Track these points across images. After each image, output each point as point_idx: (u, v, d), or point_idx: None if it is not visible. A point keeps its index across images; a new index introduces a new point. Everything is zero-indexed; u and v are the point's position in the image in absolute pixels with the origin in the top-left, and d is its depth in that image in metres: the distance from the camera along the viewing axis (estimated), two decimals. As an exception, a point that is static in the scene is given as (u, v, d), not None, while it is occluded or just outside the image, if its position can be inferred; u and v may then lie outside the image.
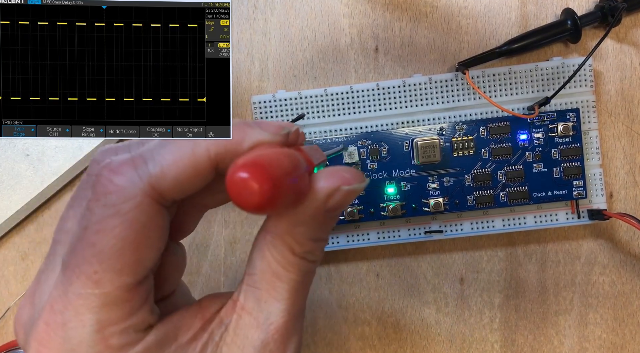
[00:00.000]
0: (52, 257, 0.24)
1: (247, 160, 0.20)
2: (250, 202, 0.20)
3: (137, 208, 0.21)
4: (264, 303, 0.24)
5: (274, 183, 0.20)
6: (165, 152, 0.22)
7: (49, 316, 0.22)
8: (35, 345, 0.22)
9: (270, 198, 0.20)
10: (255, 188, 0.20)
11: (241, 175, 0.20)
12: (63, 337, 0.21)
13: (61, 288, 0.22)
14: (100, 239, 0.21)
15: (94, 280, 0.21)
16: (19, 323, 0.24)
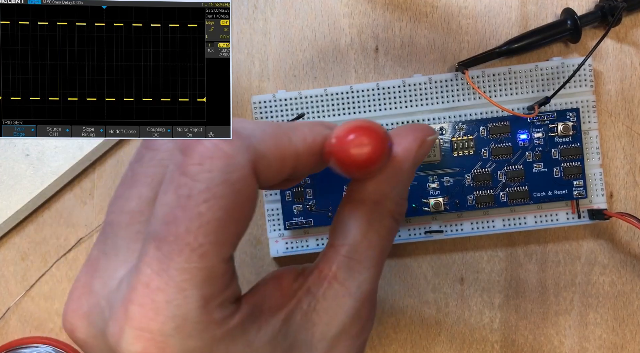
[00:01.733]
0: (112, 242, 0.23)
1: (353, 125, 0.23)
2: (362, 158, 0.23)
3: (244, 180, 0.21)
4: (356, 273, 0.25)
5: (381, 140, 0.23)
6: (267, 136, 0.22)
7: (145, 297, 0.20)
8: (132, 331, 0.21)
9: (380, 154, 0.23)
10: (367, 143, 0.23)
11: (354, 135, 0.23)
12: (166, 316, 0.20)
13: (157, 265, 0.20)
14: (208, 209, 0.20)
15: (199, 254, 0.20)
16: (78, 315, 0.23)
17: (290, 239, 0.40)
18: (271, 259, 0.41)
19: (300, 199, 0.39)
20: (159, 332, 0.20)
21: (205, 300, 0.21)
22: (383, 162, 0.24)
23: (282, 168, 0.23)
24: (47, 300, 0.42)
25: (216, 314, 0.21)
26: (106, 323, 0.22)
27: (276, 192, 0.39)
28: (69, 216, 0.42)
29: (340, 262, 0.25)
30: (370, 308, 0.25)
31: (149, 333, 0.20)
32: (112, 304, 0.22)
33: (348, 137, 0.23)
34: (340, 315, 0.24)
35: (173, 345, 0.20)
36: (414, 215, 0.39)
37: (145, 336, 0.20)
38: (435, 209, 0.39)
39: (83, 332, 0.23)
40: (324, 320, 0.24)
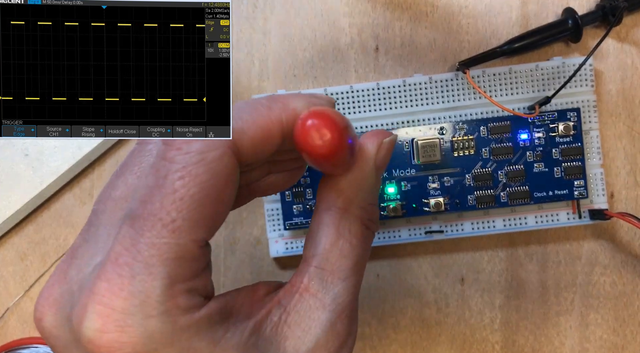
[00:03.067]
0: (94, 229, 0.23)
1: (317, 110, 0.22)
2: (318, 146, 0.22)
3: (220, 159, 0.21)
4: (330, 284, 0.24)
5: (340, 131, 0.22)
6: (244, 113, 0.22)
7: (112, 272, 0.20)
8: (94, 307, 0.20)
9: (337, 145, 0.22)
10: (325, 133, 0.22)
11: (313, 121, 0.22)
12: (130, 292, 0.20)
13: (128, 241, 0.20)
14: (183, 186, 0.20)
15: (170, 229, 0.20)
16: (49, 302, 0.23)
17: (290, 239, 0.40)
18: (271, 259, 0.41)
19: (300, 199, 0.39)
20: (120, 309, 0.20)
21: (171, 279, 0.21)
22: (341, 155, 0.23)
23: (267, 139, 0.23)
24: (46, 301, 0.42)
25: (181, 300, 0.21)
26: (74, 306, 0.21)
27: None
28: (69, 216, 0.42)
29: (311, 274, 0.24)
30: (348, 322, 0.24)
31: (110, 310, 0.20)
32: (83, 286, 0.22)
33: (310, 121, 0.22)
34: (314, 328, 0.24)
35: (132, 325, 0.20)
36: (414, 215, 0.39)
37: (106, 312, 0.20)
38: (435, 209, 0.38)
39: (50, 320, 0.22)
40: (296, 334, 0.24)
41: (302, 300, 0.24)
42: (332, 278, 0.24)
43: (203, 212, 0.21)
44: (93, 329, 0.20)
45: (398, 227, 0.40)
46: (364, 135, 0.26)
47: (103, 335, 0.20)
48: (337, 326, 0.24)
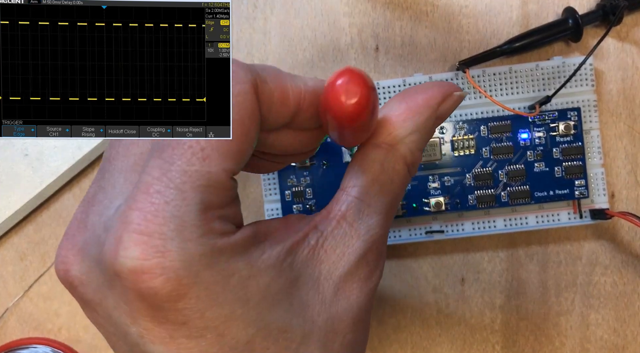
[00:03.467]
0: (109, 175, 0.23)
1: (347, 69, 0.22)
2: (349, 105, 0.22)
3: (246, 94, 0.21)
4: (365, 216, 0.25)
5: (369, 89, 0.22)
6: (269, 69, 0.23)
7: (144, 201, 0.20)
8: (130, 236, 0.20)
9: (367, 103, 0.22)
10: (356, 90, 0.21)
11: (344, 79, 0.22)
12: (165, 217, 0.20)
13: (157, 171, 0.20)
14: None
15: (200, 157, 0.21)
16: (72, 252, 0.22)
17: (291, 239, 0.40)
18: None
19: (301, 199, 0.39)
20: (157, 234, 0.20)
21: (204, 205, 0.21)
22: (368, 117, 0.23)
23: (284, 100, 0.23)
24: (45, 301, 0.42)
25: (216, 225, 0.21)
26: (102, 245, 0.21)
27: (276, 192, 0.39)
28: (68, 216, 0.42)
29: (350, 203, 0.25)
30: (378, 255, 0.25)
31: (147, 236, 0.20)
32: (109, 225, 0.21)
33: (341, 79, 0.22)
34: (348, 255, 0.24)
35: (172, 249, 0.20)
36: (414, 215, 0.39)
37: (143, 239, 0.20)
38: (435, 209, 0.38)
39: (77, 268, 0.22)
40: (331, 258, 0.24)
41: (339, 227, 0.25)
42: (369, 210, 0.25)
43: (231, 145, 0.21)
44: (132, 258, 0.20)
45: (398, 227, 0.40)
46: (430, 83, 0.26)
47: (144, 262, 0.20)
48: (368, 256, 0.25)
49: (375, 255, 0.25)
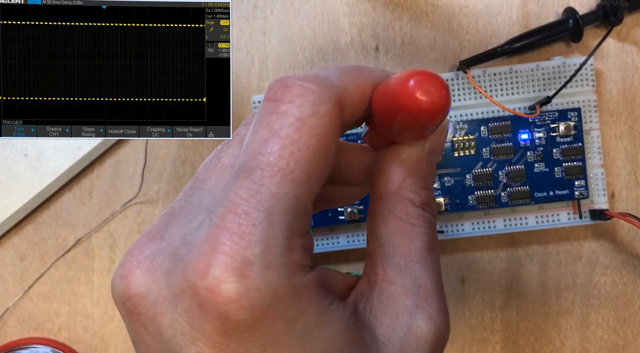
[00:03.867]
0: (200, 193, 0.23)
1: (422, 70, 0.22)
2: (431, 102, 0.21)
3: (331, 113, 0.21)
4: (405, 269, 0.23)
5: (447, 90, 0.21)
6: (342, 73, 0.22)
7: (231, 221, 0.19)
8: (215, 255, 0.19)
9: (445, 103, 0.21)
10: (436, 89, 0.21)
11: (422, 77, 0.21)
12: (250, 240, 0.19)
13: (245, 192, 0.20)
14: (300, 137, 0.20)
15: (290, 179, 0.20)
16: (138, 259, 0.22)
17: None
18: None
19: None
20: (240, 256, 0.19)
21: (291, 231, 0.20)
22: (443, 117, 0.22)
23: (365, 99, 0.23)
24: (45, 301, 0.42)
25: (298, 255, 0.20)
26: (179, 260, 0.21)
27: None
28: (68, 216, 0.42)
29: (385, 263, 0.23)
30: (439, 307, 0.23)
31: (230, 258, 0.19)
32: (191, 240, 0.21)
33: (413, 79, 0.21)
34: (402, 315, 0.23)
35: (251, 275, 0.19)
36: (414, 215, 0.39)
37: (225, 260, 0.19)
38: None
39: (138, 276, 0.21)
40: (385, 323, 0.23)
41: (382, 290, 0.23)
42: (405, 261, 0.23)
43: (317, 165, 0.21)
44: (213, 277, 0.19)
45: (398, 227, 0.40)
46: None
47: (222, 284, 0.19)
48: (427, 310, 0.23)
49: (435, 309, 0.23)
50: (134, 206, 0.41)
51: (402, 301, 0.23)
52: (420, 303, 0.23)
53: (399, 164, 0.24)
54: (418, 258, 0.23)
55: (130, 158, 0.41)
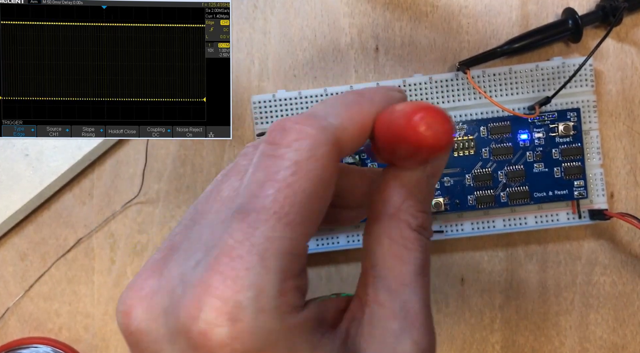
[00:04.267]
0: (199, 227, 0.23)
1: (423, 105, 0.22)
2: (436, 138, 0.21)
3: (328, 156, 0.21)
4: (395, 292, 0.23)
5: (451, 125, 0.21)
6: (340, 109, 0.22)
7: (225, 265, 0.20)
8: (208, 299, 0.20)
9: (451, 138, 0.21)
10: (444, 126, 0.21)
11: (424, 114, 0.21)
12: (244, 285, 0.19)
13: (240, 235, 0.20)
14: (296, 181, 0.20)
15: (284, 222, 0.20)
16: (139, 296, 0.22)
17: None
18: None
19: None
20: (233, 301, 0.19)
21: (284, 274, 0.20)
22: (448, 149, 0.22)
23: (364, 133, 0.23)
24: (46, 301, 0.42)
25: (291, 297, 0.21)
26: (176, 299, 0.21)
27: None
28: (68, 216, 0.42)
29: (376, 284, 0.24)
30: (425, 331, 0.23)
31: (222, 302, 0.19)
32: (188, 280, 0.21)
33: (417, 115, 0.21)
34: (389, 338, 0.23)
35: (244, 319, 0.19)
36: (414, 215, 0.39)
37: (218, 304, 0.19)
38: (435, 209, 0.38)
39: (139, 313, 0.22)
40: (372, 347, 0.23)
41: (372, 313, 0.23)
42: (396, 284, 0.23)
43: (312, 207, 0.21)
44: (205, 321, 0.20)
45: (398, 227, 0.40)
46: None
47: (215, 328, 0.19)
48: (413, 335, 0.23)
49: (422, 333, 0.23)
50: (134, 206, 0.41)
51: (390, 325, 0.23)
52: (406, 328, 0.23)
53: (398, 186, 0.24)
54: (409, 282, 0.23)
55: (131, 158, 0.41)
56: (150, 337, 0.21)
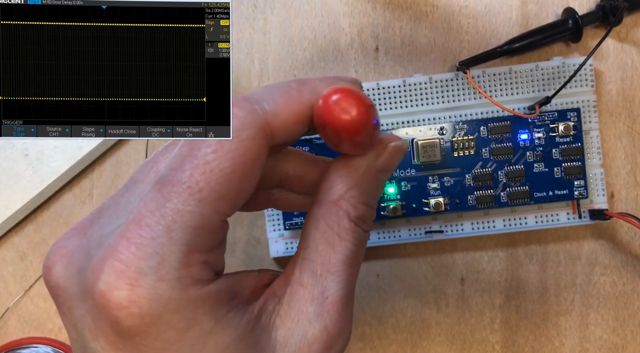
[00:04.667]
0: (128, 194, 0.24)
1: (341, 87, 0.22)
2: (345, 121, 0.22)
3: (253, 139, 0.22)
4: (319, 277, 0.24)
5: (366, 107, 0.22)
6: (276, 95, 0.23)
7: (133, 231, 0.21)
8: (112, 262, 0.21)
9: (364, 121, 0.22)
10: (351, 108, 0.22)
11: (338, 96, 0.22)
12: (147, 252, 0.21)
13: (153, 205, 0.21)
14: (215, 159, 0.21)
15: (197, 198, 0.21)
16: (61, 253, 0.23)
17: (290, 239, 0.40)
18: (271, 259, 0.41)
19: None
20: (134, 267, 0.20)
21: (189, 247, 0.21)
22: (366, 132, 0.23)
23: (298, 123, 0.23)
24: (46, 301, 0.42)
25: (195, 270, 0.21)
26: (89, 260, 0.22)
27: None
28: (68, 216, 0.42)
29: (303, 266, 0.24)
30: (338, 318, 0.24)
31: (125, 267, 0.20)
32: (102, 242, 0.22)
33: (337, 95, 0.22)
34: (302, 320, 0.24)
35: (143, 285, 0.20)
36: (414, 215, 0.39)
37: (120, 268, 0.20)
38: (435, 209, 0.38)
39: (58, 269, 0.23)
40: (286, 325, 0.24)
41: (293, 292, 0.24)
42: (321, 270, 0.24)
43: (230, 187, 0.21)
44: (106, 283, 0.20)
45: (398, 227, 0.40)
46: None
47: (114, 290, 0.20)
48: (326, 320, 0.24)
49: (334, 320, 0.24)
50: (134, 206, 0.41)
51: (307, 307, 0.24)
52: (321, 313, 0.24)
53: (344, 175, 0.25)
54: (334, 271, 0.24)
55: (131, 158, 0.41)
56: (66, 292, 0.22)
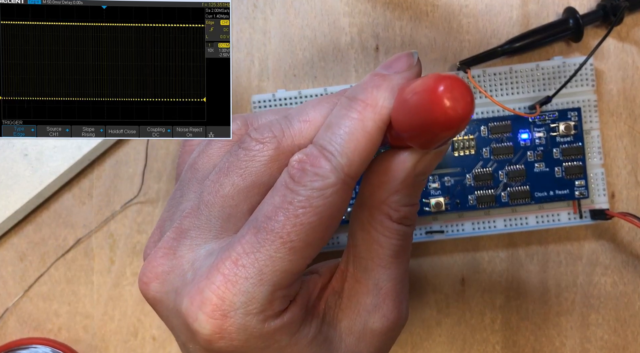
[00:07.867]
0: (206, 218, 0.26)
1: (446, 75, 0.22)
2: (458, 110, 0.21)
3: (336, 194, 0.24)
4: (371, 272, 0.27)
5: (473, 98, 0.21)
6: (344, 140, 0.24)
7: (230, 269, 0.24)
8: (209, 294, 0.24)
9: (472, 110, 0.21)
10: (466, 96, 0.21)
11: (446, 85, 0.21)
12: (240, 290, 0.24)
13: (249, 247, 0.24)
14: (304, 214, 0.24)
15: (288, 247, 0.24)
16: (156, 272, 0.26)
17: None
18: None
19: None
20: (228, 301, 0.24)
21: (275, 287, 0.24)
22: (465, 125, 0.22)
23: (371, 154, 0.25)
24: (45, 301, 0.42)
25: (276, 304, 0.25)
26: (185, 284, 0.25)
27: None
28: (68, 216, 0.42)
29: (355, 262, 0.27)
30: (394, 306, 0.27)
31: (221, 300, 0.24)
32: (197, 269, 0.25)
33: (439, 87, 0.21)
34: (362, 311, 0.27)
35: (234, 316, 0.24)
36: (414, 215, 0.39)
37: (216, 301, 0.24)
38: (436, 209, 0.38)
39: (155, 287, 0.26)
40: (348, 317, 0.27)
41: (351, 287, 0.28)
42: (372, 265, 0.27)
43: (316, 237, 0.24)
44: (203, 312, 0.24)
45: (398, 227, 0.39)
46: None
47: (209, 319, 0.24)
48: (383, 309, 0.27)
49: (390, 307, 0.27)
50: (134, 206, 0.41)
51: (365, 299, 0.27)
52: (378, 303, 0.27)
53: (386, 179, 0.26)
54: (385, 264, 0.27)
55: (130, 158, 0.41)
56: (162, 305, 0.27)
